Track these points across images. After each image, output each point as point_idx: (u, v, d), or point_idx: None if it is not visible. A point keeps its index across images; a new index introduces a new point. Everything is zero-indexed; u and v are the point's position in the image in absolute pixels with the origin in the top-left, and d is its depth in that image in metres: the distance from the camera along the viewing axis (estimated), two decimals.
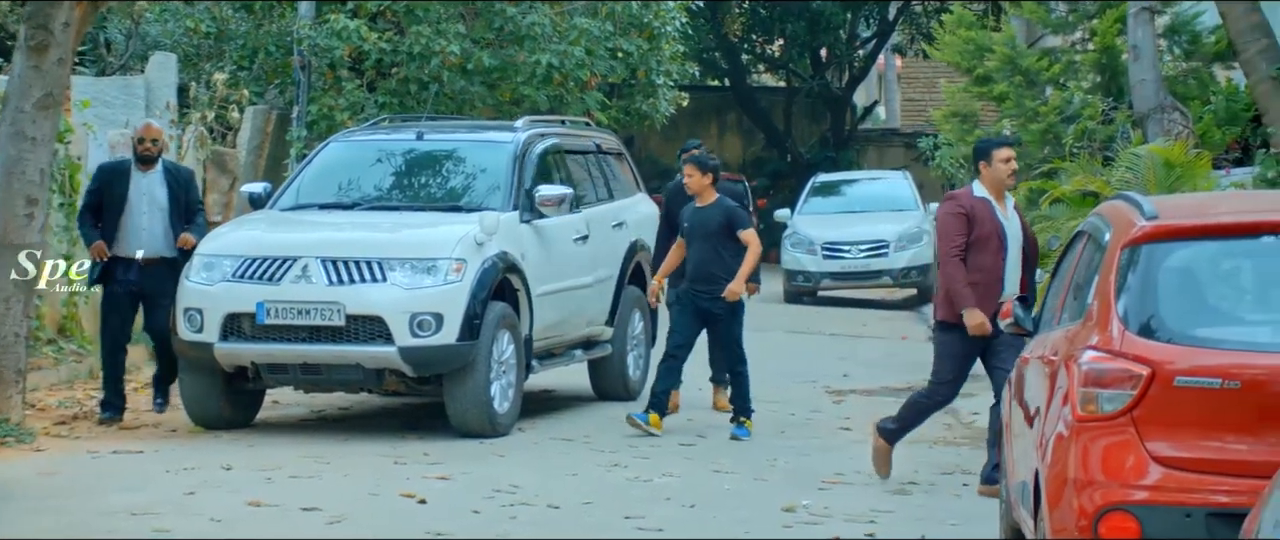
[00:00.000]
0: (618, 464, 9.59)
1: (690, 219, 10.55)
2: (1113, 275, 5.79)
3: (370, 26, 16.63)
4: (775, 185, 31.14)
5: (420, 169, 11.34)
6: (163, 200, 10.51)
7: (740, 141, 33.38)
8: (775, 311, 20.52)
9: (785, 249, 21.99)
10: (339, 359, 10.05)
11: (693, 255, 10.52)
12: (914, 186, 22.97)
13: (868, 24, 32.60)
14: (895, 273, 21.39)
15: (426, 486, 8.70)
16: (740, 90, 32.67)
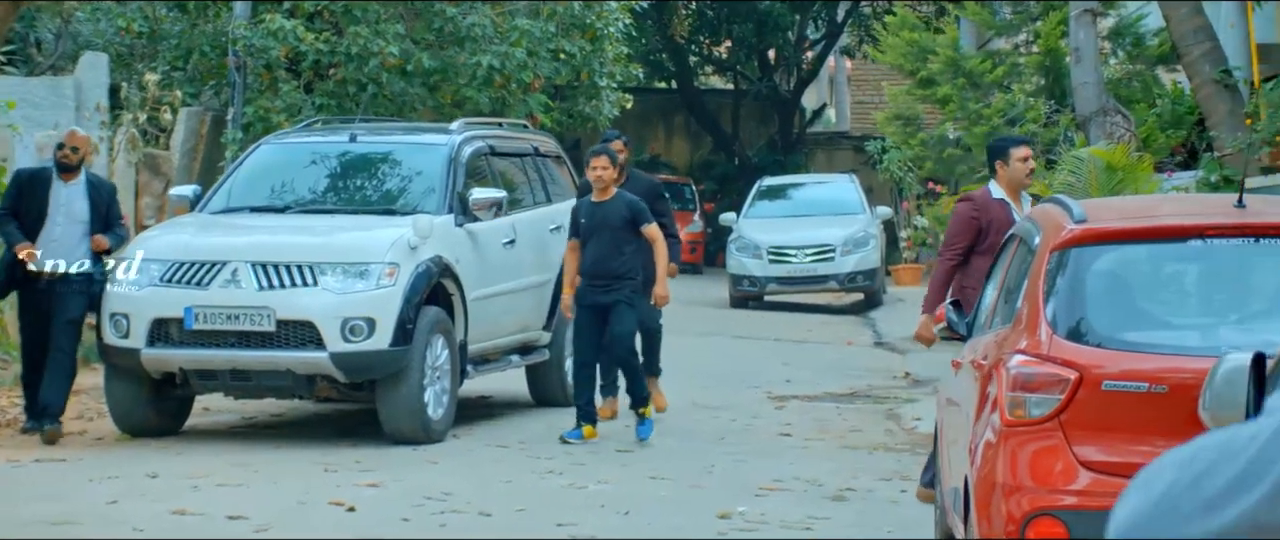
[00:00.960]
0: (553, 471, 9.58)
1: (588, 215, 10.35)
2: (1041, 279, 5.82)
3: (307, 27, 16.56)
4: (723, 188, 31.21)
5: (353, 172, 11.30)
6: (82, 213, 10.29)
7: (688, 144, 33.43)
8: (720, 316, 20.55)
9: (731, 253, 22.01)
10: (269, 365, 10.00)
11: (591, 251, 10.33)
12: (861, 190, 23.05)
13: (816, 26, 32.72)
14: (842, 277, 21.44)
15: (356, 494, 8.66)
16: (688, 93, 32.72)
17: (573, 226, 10.48)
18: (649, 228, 10.34)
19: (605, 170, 10.31)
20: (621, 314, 10.31)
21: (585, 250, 10.37)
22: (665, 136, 33.49)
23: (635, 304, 10.43)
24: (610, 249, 10.26)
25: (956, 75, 17.64)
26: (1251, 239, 5.69)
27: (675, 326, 18.98)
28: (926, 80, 18.40)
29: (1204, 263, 5.85)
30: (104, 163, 14.23)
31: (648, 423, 10.50)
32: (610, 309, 10.30)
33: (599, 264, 10.27)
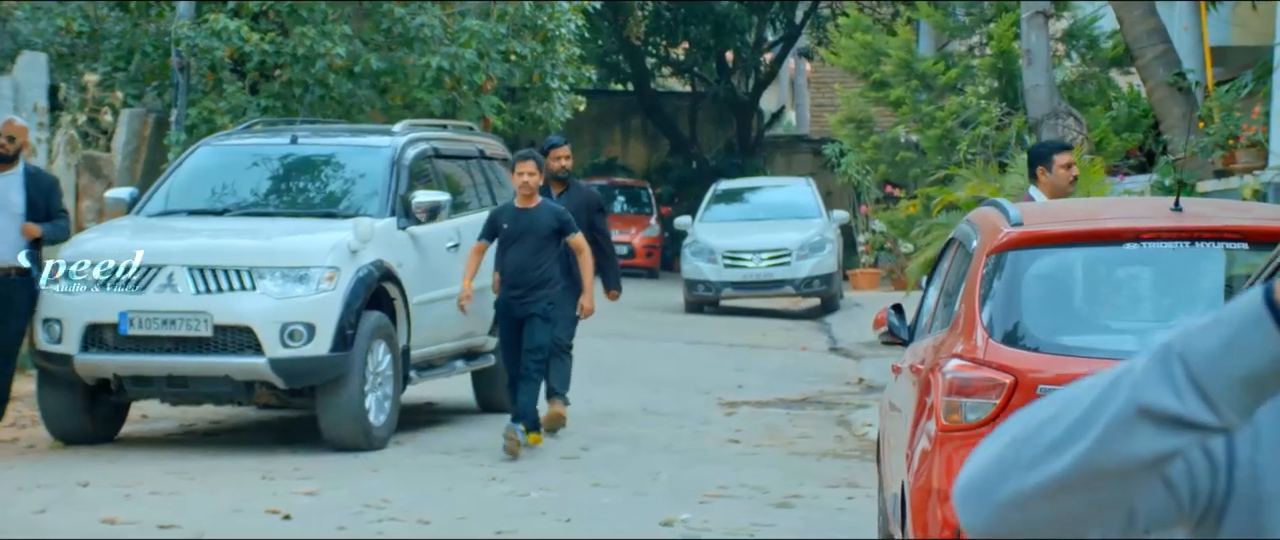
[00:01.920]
0: (495, 478, 9.57)
1: (511, 221, 10.16)
2: (978, 282, 5.85)
3: (252, 27, 16.48)
4: (681, 192, 31.22)
5: (294, 174, 11.26)
6: (18, 205, 10.20)
7: (645, 147, 33.44)
8: (675, 321, 20.56)
9: (685, 258, 22.01)
10: (206, 371, 9.96)
11: (512, 259, 10.15)
12: (818, 194, 23.09)
13: (775, 28, 32.77)
14: (798, 282, 21.45)
15: (293, 502, 8.63)
16: (645, 95, 32.73)
17: (488, 229, 10.28)
18: (574, 238, 10.20)
19: (531, 176, 10.12)
20: (535, 328, 10.14)
21: (506, 257, 10.21)
22: (622, 139, 33.49)
23: (551, 317, 10.27)
24: (532, 258, 10.09)
25: (909, 78, 17.68)
26: (1187, 242, 5.73)
27: (629, 332, 19.08)
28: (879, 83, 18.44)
29: (1140, 266, 5.89)
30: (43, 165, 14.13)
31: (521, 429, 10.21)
32: (527, 321, 10.14)
33: (521, 272, 10.10)
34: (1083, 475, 1.45)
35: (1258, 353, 1.39)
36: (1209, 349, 1.41)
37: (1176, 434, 1.42)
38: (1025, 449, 1.48)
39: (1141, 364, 1.45)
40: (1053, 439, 1.46)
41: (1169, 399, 1.41)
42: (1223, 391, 1.40)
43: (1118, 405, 1.43)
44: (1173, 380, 1.41)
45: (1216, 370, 1.40)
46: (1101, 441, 1.43)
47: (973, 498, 1.51)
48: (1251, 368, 1.40)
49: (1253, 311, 1.40)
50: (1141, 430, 1.42)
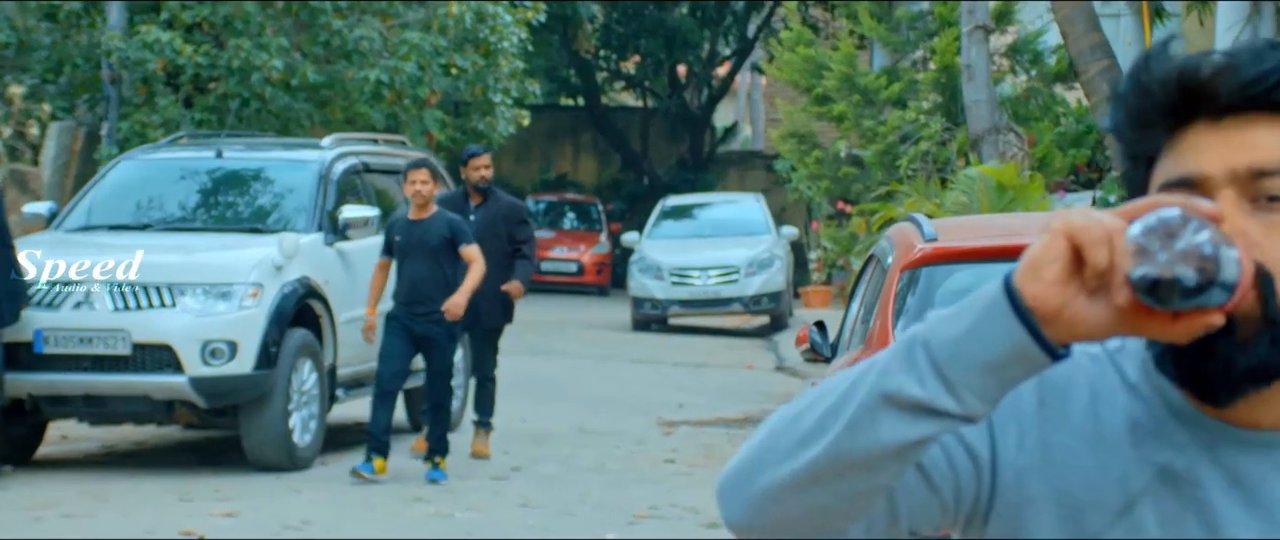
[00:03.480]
0: (420, 498, 9.53)
1: (404, 233, 9.80)
2: (892, 298, 5.87)
3: (186, 39, 16.41)
4: (632, 208, 31.24)
5: (219, 188, 11.21)
6: None
7: (596, 163, 33.45)
8: (620, 339, 20.55)
9: (632, 275, 21.97)
10: (125, 390, 9.89)
11: (409, 273, 9.79)
12: (767, 210, 23.12)
13: (727, 41, 32.82)
14: (746, 299, 21.46)
15: (210, 524, 8.58)
16: (595, 110, 32.74)
17: (386, 244, 9.92)
18: (467, 248, 9.82)
19: (424, 184, 9.76)
20: (441, 350, 9.83)
21: (401, 272, 9.83)
22: (573, 155, 33.51)
23: (456, 335, 10.01)
24: (428, 272, 9.75)
25: (852, 92, 17.74)
26: None
27: (571, 350, 19.06)
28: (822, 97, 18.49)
29: None
30: None
31: (441, 470, 9.95)
32: (426, 343, 9.81)
33: (417, 287, 9.74)
34: (831, 466, 1.45)
35: (998, 340, 1.40)
36: (951, 336, 1.41)
37: (920, 421, 1.42)
38: (780, 440, 1.48)
39: (889, 351, 1.46)
40: (805, 430, 1.46)
41: (912, 385, 1.41)
42: (964, 378, 1.40)
43: (864, 393, 1.43)
44: (916, 367, 1.41)
45: (958, 357, 1.40)
46: (848, 430, 1.43)
47: (730, 491, 1.51)
48: (992, 354, 1.40)
49: (993, 298, 1.41)
50: (886, 417, 1.42)
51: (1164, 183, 1.53)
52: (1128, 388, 1.57)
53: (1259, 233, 1.48)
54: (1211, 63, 1.51)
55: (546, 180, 32.24)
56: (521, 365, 17.06)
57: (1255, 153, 1.49)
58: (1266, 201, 1.49)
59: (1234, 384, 1.48)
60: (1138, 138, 1.55)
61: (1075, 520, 1.54)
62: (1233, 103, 1.50)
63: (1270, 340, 1.46)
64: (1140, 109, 1.54)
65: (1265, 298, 1.46)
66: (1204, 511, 1.53)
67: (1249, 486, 1.53)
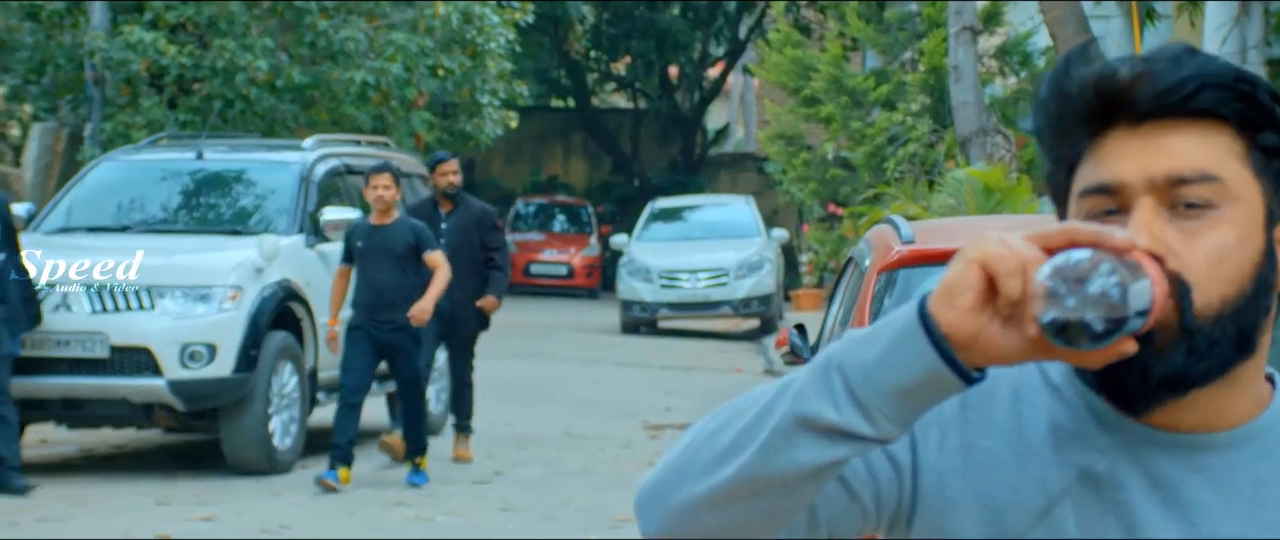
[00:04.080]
0: (400, 502, 9.53)
1: (366, 239, 9.64)
2: (869, 300, 5.86)
3: (170, 39, 16.40)
4: (623, 211, 31.22)
5: (199, 190, 11.20)
6: None
7: (586, 165, 33.44)
8: (608, 342, 20.54)
9: (621, 278, 21.96)
10: (103, 393, 9.87)
11: (371, 280, 9.60)
12: (757, 213, 23.11)
13: (718, 42, 32.81)
14: (736, 303, 21.45)
15: (187, 528, 8.57)
16: (586, 112, 32.73)
17: (346, 251, 9.75)
18: (431, 254, 9.71)
19: (387, 189, 9.61)
20: (408, 356, 9.70)
21: (363, 278, 9.65)
22: (563, 157, 33.49)
23: (421, 340, 9.82)
24: (391, 278, 9.57)
25: (839, 94, 17.73)
26: None
27: (559, 353, 19.05)
28: (810, 99, 18.48)
29: None
30: None
31: (422, 473, 9.94)
32: (393, 350, 9.67)
33: (382, 294, 9.55)
34: (748, 485, 1.45)
35: (912, 365, 1.40)
36: (866, 360, 1.42)
37: (836, 444, 1.43)
38: (698, 455, 1.48)
39: (805, 373, 1.46)
40: (722, 447, 1.46)
41: (827, 410, 1.42)
42: (879, 403, 1.41)
43: (780, 415, 1.44)
44: (832, 391, 1.42)
45: (872, 381, 1.41)
46: (764, 451, 1.44)
47: (647, 503, 1.52)
48: (906, 380, 1.41)
49: (907, 324, 1.41)
50: (802, 441, 1.43)
51: (1084, 189, 1.53)
52: (1051, 390, 1.57)
53: (1177, 240, 1.48)
54: (1130, 69, 1.50)
55: (536, 182, 32.23)
56: (508, 368, 17.05)
57: (1173, 160, 1.50)
58: (1184, 208, 1.49)
59: (1151, 393, 1.49)
60: (1058, 143, 1.55)
61: (996, 522, 1.54)
62: (1151, 110, 1.50)
63: (1187, 349, 1.47)
64: (1060, 114, 1.54)
65: (1182, 307, 1.47)
66: (1124, 513, 1.53)
67: (1169, 488, 1.53)
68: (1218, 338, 1.48)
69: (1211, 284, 1.48)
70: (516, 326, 22.10)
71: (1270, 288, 1.53)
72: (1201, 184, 1.49)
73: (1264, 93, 1.52)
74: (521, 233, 28.76)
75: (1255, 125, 1.52)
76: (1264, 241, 1.52)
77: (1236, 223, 1.50)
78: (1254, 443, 1.54)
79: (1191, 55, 1.50)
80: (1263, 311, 1.52)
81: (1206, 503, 1.52)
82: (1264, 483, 1.53)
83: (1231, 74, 1.50)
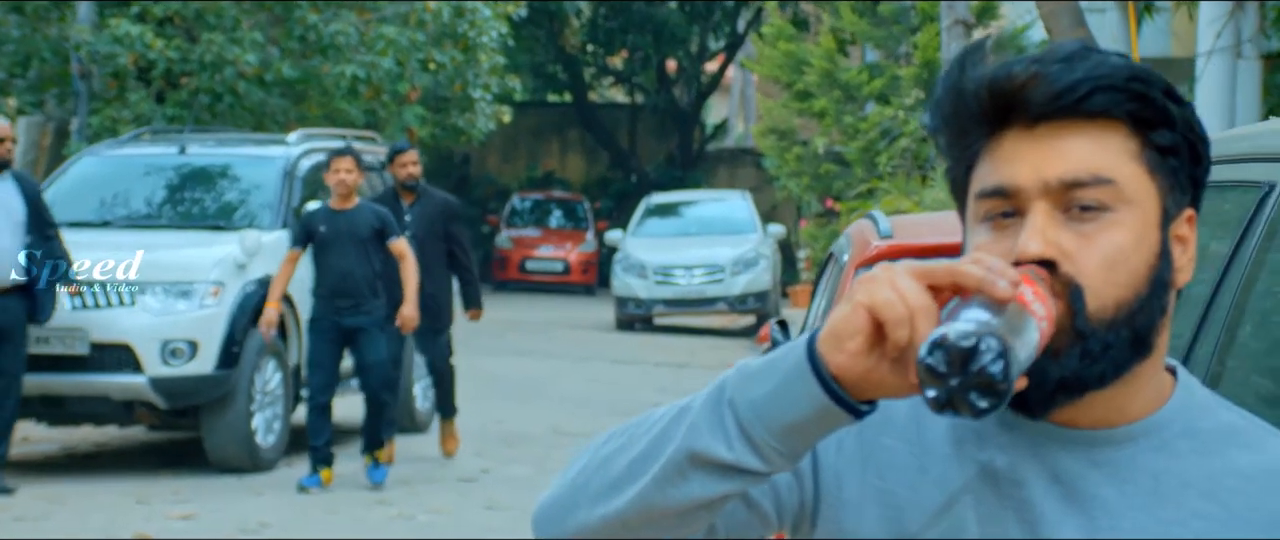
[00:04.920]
0: (383, 500, 9.52)
1: (327, 223, 9.42)
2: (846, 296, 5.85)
3: (157, 32, 16.38)
4: (619, 206, 31.20)
5: (181, 185, 11.19)
6: (19, 213, 9.31)
7: (583, 160, 33.41)
8: (603, 339, 20.53)
9: (616, 274, 21.92)
10: (84, 390, 9.86)
11: (334, 267, 9.42)
12: (754, 208, 23.08)
13: (717, 36, 32.77)
14: (732, 299, 21.43)
15: (166, 526, 8.57)
16: (582, 106, 32.69)
17: (300, 235, 9.48)
18: (396, 243, 9.50)
19: (349, 173, 9.41)
20: (373, 341, 9.52)
21: (323, 265, 9.47)
22: (559, 152, 33.47)
23: (386, 328, 9.63)
24: (355, 264, 9.39)
25: (832, 88, 17.71)
26: None
27: (553, 350, 19.04)
28: (803, 93, 18.47)
29: None
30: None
31: (382, 468, 9.76)
32: (357, 335, 9.50)
33: (345, 280, 9.39)
34: (642, 514, 1.48)
35: (802, 403, 1.42)
36: (757, 398, 1.43)
37: (729, 479, 1.45)
38: (592, 480, 1.50)
39: (699, 405, 1.47)
40: (615, 475, 1.49)
41: (720, 447, 1.43)
42: (770, 440, 1.43)
43: (673, 448, 1.45)
44: (723, 428, 1.44)
45: (764, 419, 1.43)
46: (657, 483, 1.46)
47: (544, 524, 1.54)
48: (797, 417, 1.42)
49: (797, 363, 1.42)
50: (695, 475, 1.45)
51: (980, 191, 1.53)
52: None
53: (1072, 243, 1.49)
54: (1023, 72, 1.50)
55: (533, 178, 32.22)
56: (501, 365, 17.05)
57: (1068, 162, 1.50)
58: (1079, 211, 1.50)
59: (1048, 398, 1.50)
60: (955, 143, 1.55)
61: (896, 520, 1.55)
62: (1045, 111, 1.50)
63: (1081, 353, 1.48)
64: (956, 115, 1.54)
65: (1075, 312, 1.48)
66: (1024, 509, 1.53)
67: (1069, 483, 1.54)
68: (1112, 341, 1.49)
69: (1106, 288, 1.48)
70: (511, 323, 22.10)
71: (1166, 287, 1.53)
72: (1096, 187, 1.49)
73: (1157, 90, 1.52)
74: (517, 228, 28.74)
75: (1149, 124, 1.52)
76: (1159, 241, 1.52)
77: (1131, 225, 1.50)
78: (1153, 437, 1.55)
79: (1085, 55, 1.50)
80: (1159, 312, 1.53)
81: (1106, 497, 1.53)
82: (1162, 476, 1.53)
83: (1125, 74, 1.50)
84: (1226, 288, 2.05)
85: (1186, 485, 1.53)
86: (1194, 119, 1.54)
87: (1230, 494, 1.52)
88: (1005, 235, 1.51)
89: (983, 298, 1.38)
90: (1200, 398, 1.58)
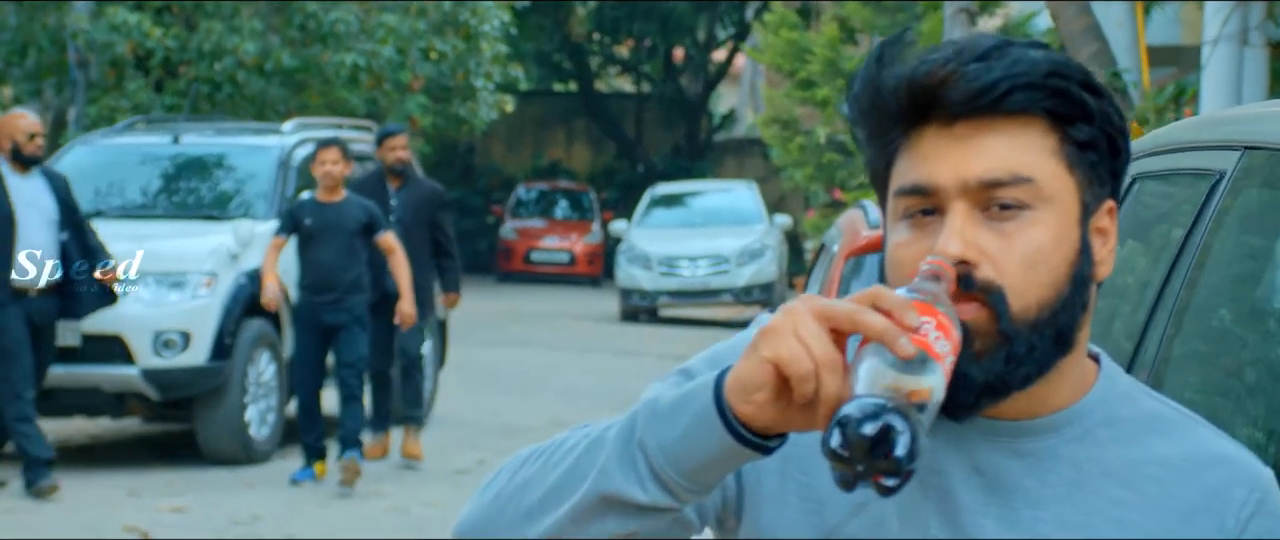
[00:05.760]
0: (377, 493, 9.53)
1: (314, 216, 9.28)
2: (836, 285, 5.86)
3: (155, 21, 16.40)
4: (626, 197, 31.18)
5: (175, 174, 11.20)
6: (51, 210, 9.20)
7: (589, 150, 33.40)
8: (606, 331, 20.54)
9: (620, 265, 21.92)
10: (74, 382, 9.87)
11: (319, 260, 9.29)
12: (760, 198, 23.06)
13: (724, 25, 32.74)
14: (737, 290, 21.42)
15: (156, 519, 8.58)
16: (589, 96, 32.68)
17: (287, 222, 9.38)
18: (384, 236, 9.38)
19: (336, 164, 9.26)
20: (354, 338, 9.35)
21: (309, 258, 9.36)
22: (565, 142, 33.47)
23: (367, 325, 9.49)
24: (345, 258, 9.28)
25: (835, 76, 17.70)
26: None
27: (555, 342, 19.05)
28: (806, 82, 18.44)
29: None
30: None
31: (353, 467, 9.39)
32: (338, 332, 9.34)
33: (330, 274, 9.25)
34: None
35: (711, 447, 1.44)
36: (667, 441, 1.45)
37: (644, 517, 1.47)
38: (507, 507, 1.52)
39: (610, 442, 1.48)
40: (531, 504, 1.50)
41: (634, 490, 1.46)
42: (682, 481, 1.45)
43: (587, 487, 1.47)
44: (636, 470, 1.46)
45: (675, 463, 1.45)
46: (574, 521, 1.48)
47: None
48: (707, 459, 1.44)
49: (704, 408, 1.43)
50: (610, 514, 1.47)
51: (899, 189, 1.53)
52: None
53: (991, 243, 1.49)
54: (941, 70, 1.50)
55: (538, 168, 32.21)
56: (501, 357, 17.07)
57: (987, 162, 1.49)
58: (998, 210, 1.50)
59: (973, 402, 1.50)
60: (874, 137, 1.55)
61: (817, 513, 1.56)
62: (964, 110, 1.49)
63: (1006, 357, 1.48)
64: (873, 110, 1.54)
65: (999, 315, 1.48)
66: (944, 501, 1.54)
67: (990, 474, 1.54)
68: (1036, 343, 1.49)
69: (1027, 288, 1.49)
70: (514, 314, 22.11)
71: (1087, 282, 1.54)
72: (1015, 186, 1.49)
73: (1076, 84, 1.52)
74: (523, 219, 28.75)
75: (1068, 119, 1.51)
76: (1079, 237, 1.52)
77: (1050, 223, 1.50)
78: (1075, 426, 1.55)
79: (1004, 51, 1.50)
80: (1080, 308, 1.53)
81: (1028, 487, 1.53)
82: (1083, 465, 1.54)
83: (1043, 70, 1.50)
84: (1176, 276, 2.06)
85: (1107, 474, 1.53)
86: (1113, 110, 1.54)
87: (1149, 482, 1.53)
88: (925, 234, 1.51)
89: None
90: (1122, 386, 1.58)
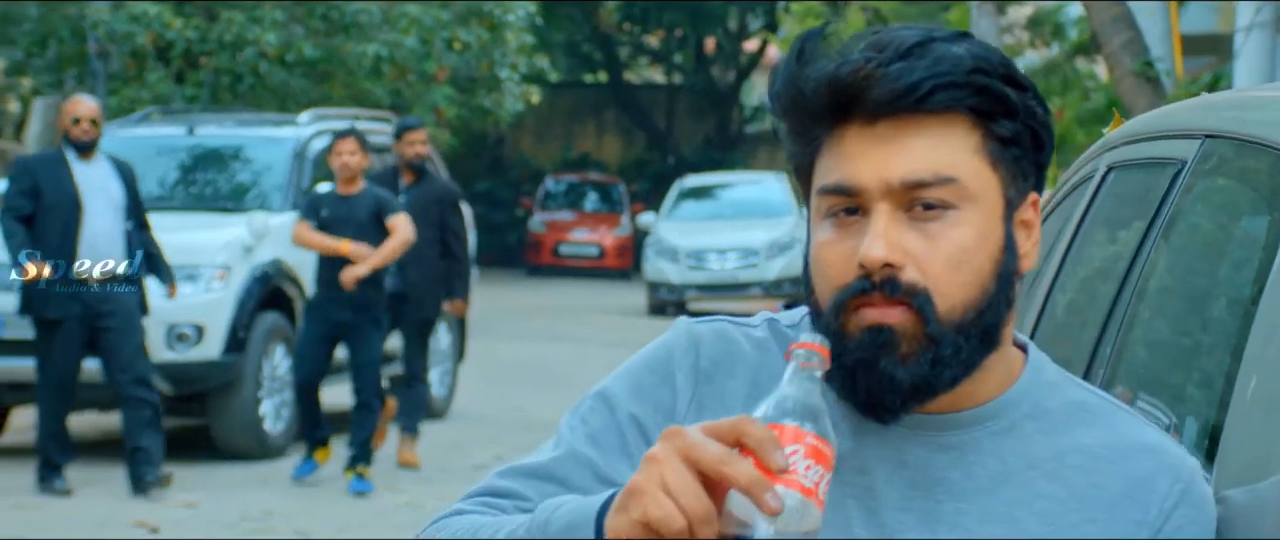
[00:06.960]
0: (393, 487, 9.54)
1: (332, 208, 9.15)
2: None
3: (176, 11, 16.46)
4: (656, 189, 31.14)
5: (190, 166, 11.23)
6: (119, 198, 9.03)
7: (619, 142, 33.39)
8: (634, 325, 20.52)
9: (648, 258, 21.90)
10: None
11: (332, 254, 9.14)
12: (790, 190, 23.02)
13: (756, 14, 32.68)
14: (767, 284, 21.37)
15: (166, 514, 8.60)
16: (618, 87, 32.67)
17: (309, 208, 9.25)
18: (393, 218, 9.13)
19: (353, 156, 9.07)
20: (367, 337, 9.16)
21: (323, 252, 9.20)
22: (595, 133, 33.47)
23: (383, 325, 9.32)
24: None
25: None
26: None
27: (582, 336, 19.04)
28: None
29: None
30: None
31: (365, 481, 9.28)
32: (350, 331, 9.15)
33: (339, 269, 9.03)
34: None
35: None
36: None
37: None
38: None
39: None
40: None
41: None
42: None
43: None
44: None
45: None
46: None
47: None
48: None
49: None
50: None
51: (822, 187, 1.53)
52: None
53: (916, 244, 1.48)
54: (862, 69, 1.49)
55: (568, 160, 32.21)
56: (526, 351, 17.07)
57: (910, 163, 1.49)
58: (922, 209, 1.49)
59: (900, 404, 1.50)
60: (796, 133, 1.55)
61: None
62: (885, 110, 1.48)
63: (932, 360, 1.48)
64: (795, 107, 1.53)
65: (926, 318, 1.48)
66: (866, 497, 1.53)
67: (915, 467, 1.53)
68: (961, 344, 1.49)
69: (953, 289, 1.48)
70: (541, 308, 22.12)
71: (1012, 279, 1.53)
72: (939, 187, 1.49)
73: (999, 79, 1.51)
74: (551, 212, 28.75)
75: (991, 115, 1.51)
76: (1003, 234, 1.52)
77: (974, 222, 1.50)
78: (1000, 419, 1.54)
79: (925, 49, 1.49)
80: (1005, 304, 1.52)
81: (952, 479, 1.52)
82: (1008, 457, 1.53)
83: (966, 68, 1.49)
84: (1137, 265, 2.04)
85: (1032, 466, 1.52)
86: (1036, 103, 1.53)
87: (1074, 472, 1.52)
88: (848, 234, 1.51)
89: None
90: (1049, 376, 1.57)
